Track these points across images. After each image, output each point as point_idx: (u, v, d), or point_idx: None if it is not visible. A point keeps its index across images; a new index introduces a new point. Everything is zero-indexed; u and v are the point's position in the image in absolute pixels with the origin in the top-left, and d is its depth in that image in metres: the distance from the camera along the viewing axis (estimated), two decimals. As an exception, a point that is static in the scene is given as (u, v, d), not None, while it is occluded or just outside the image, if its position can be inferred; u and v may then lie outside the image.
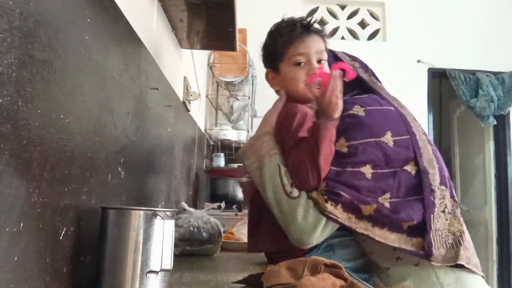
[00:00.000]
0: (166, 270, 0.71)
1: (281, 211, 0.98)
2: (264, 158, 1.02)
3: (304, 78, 1.07)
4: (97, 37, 0.76)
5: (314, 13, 3.87)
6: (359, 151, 0.99)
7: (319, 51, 1.08)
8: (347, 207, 0.95)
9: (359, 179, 0.97)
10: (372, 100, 1.08)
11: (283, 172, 1.01)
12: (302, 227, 0.96)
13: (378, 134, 1.02)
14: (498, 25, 3.84)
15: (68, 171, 0.65)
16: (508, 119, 3.85)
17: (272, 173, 1.01)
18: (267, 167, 1.01)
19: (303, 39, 1.08)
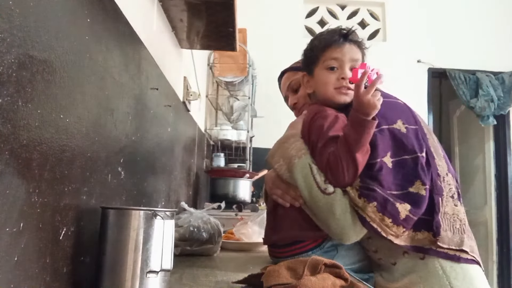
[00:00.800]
0: (166, 270, 0.71)
1: (318, 208, 0.99)
2: (293, 159, 1.03)
3: (335, 82, 1.10)
4: (97, 37, 0.76)
5: (314, 13, 3.87)
6: (377, 138, 1.00)
7: (353, 59, 1.11)
8: (381, 205, 0.95)
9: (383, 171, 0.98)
10: (387, 94, 1.10)
11: (315, 170, 1.01)
12: (342, 222, 0.96)
13: (389, 121, 1.03)
14: (498, 25, 3.84)
15: (68, 171, 0.65)
16: (508, 119, 3.85)
17: (304, 173, 1.01)
18: (298, 167, 1.02)
19: (339, 45, 1.11)
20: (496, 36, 3.81)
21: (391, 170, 0.99)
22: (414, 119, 1.08)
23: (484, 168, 3.96)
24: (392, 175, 0.98)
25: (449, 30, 3.77)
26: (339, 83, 1.09)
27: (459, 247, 0.97)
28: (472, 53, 3.78)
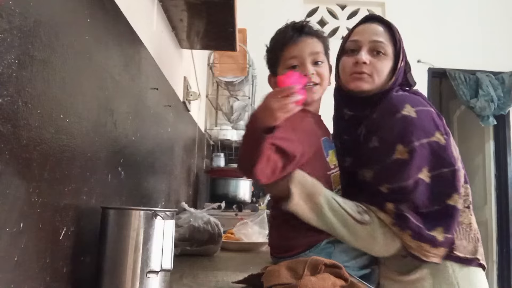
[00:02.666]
0: (166, 270, 0.71)
1: (360, 238, 0.97)
2: (315, 198, 0.98)
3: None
4: (97, 37, 0.76)
5: (314, 13, 3.87)
6: (416, 155, 0.95)
7: (313, 52, 1.07)
8: (416, 233, 0.93)
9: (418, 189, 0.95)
10: (417, 100, 1.04)
11: (341, 202, 0.99)
12: (386, 246, 0.96)
13: (428, 133, 0.98)
14: (498, 25, 3.84)
15: (68, 171, 0.65)
16: (508, 119, 3.85)
17: (333, 209, 0.98)
18: (325, 206, 0.97)
19: (296, 42, 1.07)
20: (496, 36, 3.81)
21: (428, 185, 0.96)
22: (446, 127, 1.04)
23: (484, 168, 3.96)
24: (430, 190, 0.96)
25: (449, 30, 3.77)
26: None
27: (473, 255, 0.98)
28: (472, 53, 3.77)
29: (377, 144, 0.99)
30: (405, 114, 0.97)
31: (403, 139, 0.95)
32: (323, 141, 1.08)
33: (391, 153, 0.96)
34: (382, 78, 1.05)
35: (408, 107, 0.98)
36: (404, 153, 0.95)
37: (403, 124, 0.97)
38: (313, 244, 1.01)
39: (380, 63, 1.05)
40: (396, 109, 0.98)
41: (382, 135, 0.99)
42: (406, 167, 0.95)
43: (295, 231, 1.03)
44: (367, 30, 1.07)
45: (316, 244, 1.02)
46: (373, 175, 1.00)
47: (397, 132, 0.96)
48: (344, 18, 3.88)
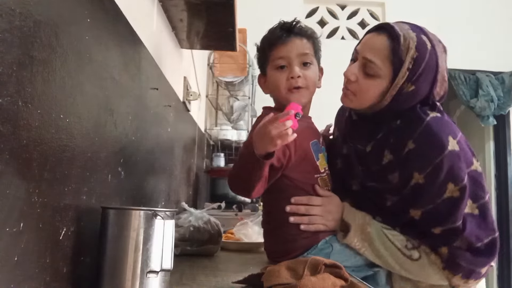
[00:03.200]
0: (166, 270, 0.71)
1: (409, 271, 0.97)
2: (365, 228, 0.98)
3: (285, 83, 1.04)
4: (97, 37, 0.76)
5: (314, 13, 3.87)
6: (467, 191, 0.92)
7: (301, 54, 1.04)
8: (466, 275, 0.94)
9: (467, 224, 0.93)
10: (453, 127, 0.99)
11: (389, 234, 0.98)
12: (441, 275, 0.95)
13: (470, 164, 0.95)
14: (498, 25, 3.84)
15: (68, 171, 0.65)
16: (508, 119, 3.85)
17: (383, 241, 0.97)
18: (375, 237, 0.97)
19: (284, 42, 1.04)
20: (496, 36, 3.81)
21: (478, 216, 0.94)
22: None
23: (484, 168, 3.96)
24: (481, 220, 0.95)
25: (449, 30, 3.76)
26: (289, 83, 1.03)
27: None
28: (472, 53, 3.77)
29: (422, 181, 0.93)
30: (451, 151, 0.92)
31: (454, 177, 0.91)
32: (312, 144, 1.06)
33: (442, 193, 0.92)
34: (368, 99, 1.00)
35: (451, 140, 0.93)
36: (455, 191, 0.92)
37: (451, 161, 0.91)
38: (310, 246, 1.01)
39: (366, 84, 0.99)
40: (442, 146, 0.92)
41: (429, 174, 0.92)
42: (458, 206, 0.92)
43: (291, 235, 1.03)
44: (368, 43, 1.01)
45: (313, 245, 1.01)
46: (421, 215, 0.96)
47: (447, 171, 0.91)
48: (344, 18, 3.88)
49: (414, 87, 0.96)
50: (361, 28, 3.87)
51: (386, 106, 0.99)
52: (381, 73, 0.97)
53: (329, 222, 1.02)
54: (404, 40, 0.95)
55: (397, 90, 0.96)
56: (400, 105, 0.99)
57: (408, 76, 0.95)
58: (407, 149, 0.95)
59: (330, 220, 1.02)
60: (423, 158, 0.93)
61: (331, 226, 1.02)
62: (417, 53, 0.95)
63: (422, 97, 0.98)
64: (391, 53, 0.95)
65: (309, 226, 1.01)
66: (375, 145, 1.02)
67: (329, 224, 1.02)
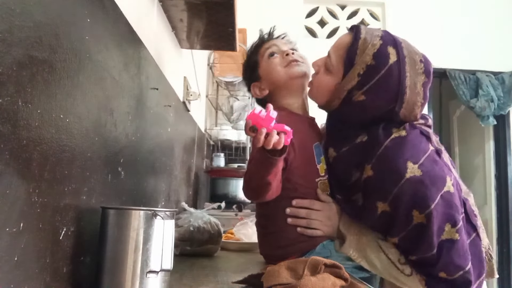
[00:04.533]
0: (166, 270, 0.71)
1: (403, 284, 0.93)
2: (361, 238, 0.97)
3: (281, 62, 1.09)
4: (97, 37, 0.76)
5: (314, 13, 3.87)
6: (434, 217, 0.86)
7: (287, 43, 1.11)
8: None
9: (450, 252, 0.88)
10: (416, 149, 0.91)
11: (383, 245, 0.94)
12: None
13: (440, 187, 0.88)
14: (498, 25, 3.84)
15: (68, 171, 0.65)
16: (508, 119, 3.85)
17: (376, 253, 0.95)
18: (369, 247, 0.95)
19: (271, 39, 1.14)
20: (496, 36, 3.81)
21: (458, 242, 0.87)
22: (439, 144, 0.96)
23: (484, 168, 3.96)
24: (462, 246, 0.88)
25: (449, 30, 3.77)
26: (285, 60, 1.09)
27: (492, 277, 0.97)
28: (472, 53, 3.77)
29: (388, 210, 0.89)
30: (411, 177, 0.86)
31: (416, 204, 0.86)
32: (315, 147, 1.06)
33: (410, 221, 0.88)
34: (320, 95, 1.00)
35: (410, 166, 0.86)
36: (421, 218, 0.87)
37: (412, 188, 0.86)
38: (307, 250, 1.01)
39: (319, 78, 1.01)
40: (399, 174, 0.86)
41: (391, 203, 0.88)
42: (427, 233, 0.87)
43: (288, 239, 1.02)
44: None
45: (311, 249, 1.01)
46: (398, 242, 0.92)
47: (409, 199, 0.86)
48: (344, 18, 3.88)
49: (365, 97, 0.91)
50: (361, 28, 3.87)
51: (338, 110, 0.97)
52: (333, 70, 0.96)
53: (327, 228, 1.01)
54: (363, 43, 0.91)
55: (346, 95, 0.93)
56: (351, 114, 0.95)
57: (359, 83, 0.91)
58: (366, 175, 0.91)
59: (328, 226, 1.01)
60: (382, 188, 0.89)
61: (328, 233, 1.01)
62: (373, 61, 0.90)
63: (377, 113, 0.93)
64: (345, 52, 0.94)
65: (306, 230, 1.00)
66: (338, 158, 1.00)
67: (326, 230, 1.01)
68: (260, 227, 1.13)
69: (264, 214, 1.10)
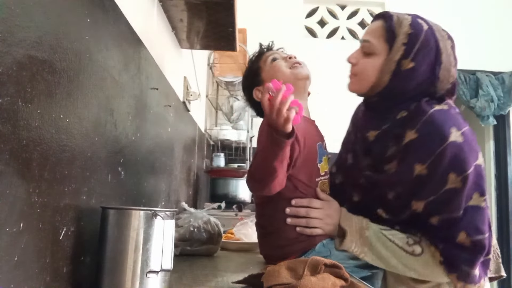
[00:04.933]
0: (166, 270, 0.71)
1: (414, 270, 0.95)
2: (363, 232, 0.98)
3: (285, 64, 1.12)
4: (97, 37, 0.76)
5: (314, 13, 3.87)
6: (469, 182, 0.91)
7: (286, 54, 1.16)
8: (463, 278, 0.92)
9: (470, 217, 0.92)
10: (459, 119, 0.97)
11: (388, 234, 0.97)
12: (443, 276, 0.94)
13: (475, 157, 0.93)
14: (498, 25, 3.84)
15: (68, 171, 0.65)
16: (508, 119, 3.85)
17: (383, 242, 0.96)
18: (374, 239, 0.97)
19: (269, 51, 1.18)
20: (496, 36, 3.81)
21: (483, 210, 0.93)
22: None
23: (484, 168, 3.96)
24: (485, 215, 0.93)
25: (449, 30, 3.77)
26: (289, 62, 1.13)
27: (498, 274, 1.00)
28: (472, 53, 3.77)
29: (425, 172, 0.93)
30: (454, 141, 0.91)
31: (456, 168, 0.91)
32: (318, 146, 1.08)
33: (443, 184, 0.91)
34: (367, 78, 1.01)
35: (454, 131, 0.93)
36: (457, 182, 0.91)
37: (453, 152, 0.91)
38: (307, 249, 1.01)
39: (363, 63, 1.02)
40: (443, 137, 0.92)
41: (431, 165, 0.92)
42: (460, 196, 0.91)
43: (288, 239, 1.02)
44: (367, 29, 1.07)
45: (310, 249, 1.01)
46: (424, 207, 0.95)
47: (448, 161, 0.91)
48: (344, 18, 3.88)
49: (414, 64, 0.97)
50: (361, 28, 3.87)
51: (387, 85, 0.99)
52: (376, 50, 1.00)
53: (327, 226, 1.02)
54: (397, 19, 1.01)
55: (396, 67, 0.98)
56: (402, 84, 0.98)
57: (405, 52, 0.97)
58: (408, 139, 0.95)
59: (328, 224, 1.01)
60: (424, 149, 0.93)
61: (328, 231, 1.02)
62: (411, 30, 0.98)
63: (424, 78, 0.98)
64: (384, 30, 1.00)
65: (305, 229, 1.01)
66: (379, 135, 1.03)
67: (326, 228, 1.01)
68: (260, 228, 1.13)
69: (264, 215, 1.10)
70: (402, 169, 0.96)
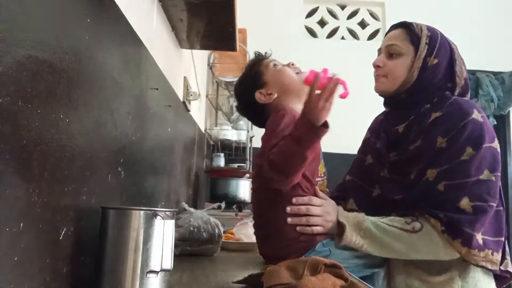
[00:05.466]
0: (166, 270, 0.71)
1: (420, 248, 0.98)
2: (362, 224, 1.01)
3: (290, 69, 1.15)
4: (97, 37, 0.76)
5: (314, 13, 3.87)
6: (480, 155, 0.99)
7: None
8: (467, 242, 0.95)
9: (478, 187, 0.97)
10: (479, 107, 1.08)
11: (386, 220, 1.01)
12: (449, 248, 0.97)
13: (492, 140, 1.02)
14: (498, 25, 3.84)
15: (68, 171, 0.65)
16: (508, 119, 3.85)
17: (382, 229, 1.00)
18: (373, 228, 1.00)
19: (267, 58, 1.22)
20: (496, 36, 3.81)
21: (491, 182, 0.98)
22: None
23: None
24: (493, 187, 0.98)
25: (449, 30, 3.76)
26: (292, 68, 1.16)
27: (505, 268, 1.02)
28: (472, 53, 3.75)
29: (444, 145, 1.01)
30: (475, 118, 1.01)
31: (473, 142, 0.99)
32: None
33: (460, 154, 0.99)
34: (398, 77, 1.10)
35: (476, 112, 1.03)
36: (472, 155, 0.99)
37: (473, 127, 1.00)
38: (307, 249, 1.01)
39: (393, 63, 1.11)
40: (467, 113, 1.02)
41: (452, 137, 1.01)
42: (470, 165, 0.98)
43: (287, 239, 1.02)
44: (387, 36, 1.16)
45: (310, 249, 1.01)
46: (436, 174, 1.01)
47: (467, 135, 1.00)
48: (344, 18, 3.88)
49: (437, 60, 1.09)
50: (361, 28, 3.87)
51: (416, 81, 1.09)
52: (404, 51, 1.11)
53: (327, 223, 1.02)
54: (416, 25, 1.13)
55: (422, 63, 1.09)
56: (428, 79, 1.09)
57: (428, 50, 1.10)
58: (433, 117, 1.05)
59: (328, 221, 1.03)
60: (448, 123, 1.02)
61: (328, 228, 1.02)
62: (429, 32, 1.12)
63: (445, 72, 1.10)
64: (407, 34, 1.11)
65: (306, 228, 1.01)
66: (408, 125, 1.11)
67: (326, 225, 1.02)
68: (259, 228, 1.12)
69: (263, 215, 1.10)
70: (425, 142, 1.04)
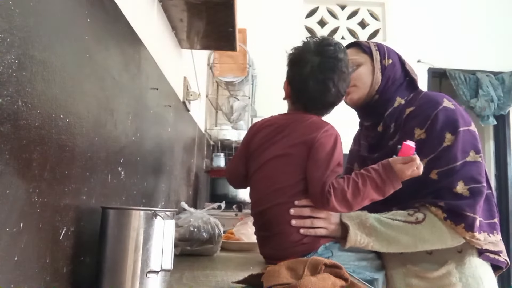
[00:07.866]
0: (166, 270, 0.71)
1: (426, 237, 1.01)
2: (366, 222, 1.02)
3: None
4: (97, 37, 0.76)
5: (314, 13, 3.87)
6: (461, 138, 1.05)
7: None
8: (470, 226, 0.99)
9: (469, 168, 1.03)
10: (449, 96, 1.16)
11: (389, 215, 1.04)
12: (455, 234, 1.01)
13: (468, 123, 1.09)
14: (498, 25, 3.84)
15: (68, 171, 0.65)
16: (508, 119, 3.85)
17: (386, 224, 1.02)
18: (377, 225, 1.02)
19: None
20: (496, 36, 3.81)
21: (479, 164, 1.04)
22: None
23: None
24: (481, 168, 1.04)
25: (449, 30, 3.77)
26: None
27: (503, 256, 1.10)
28: (472, 53, 3.78)
29: (424, 136, 1.08)
30: (446, 106, 1.09)
31: (450, 127, 1.06)
32: None
33: (442, 142, 1.05)
34: (365, 82, 1.18)
35: (446, 101, 1.10)
36: (452, 139, 1.05)
37: (446, 113, 1.07)
38: (309, 252, 1.01)
39: (357, 73, 1.19)
40: (437, 103, 1.09)
41: (428, 127, 1.07)
42: (454, 149, 1.03)
43: (291, 241, 1.02)
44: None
45: (312, 251, 1.01)
46: (425, 164, 1.04)
47: (442, 122, 1.06)
48: (344, 18, 3.88)
49: (391, 60, 1.20)
50: (361, 28, 3.87)
51: (382, 80, 1.17)
52: (361, 60, 1.20)
53: (331, 225, 1.03)
54: (361, 41, 1.24)
55: (381, 65, 1.18)
56: (391, 76, 1.18)
57: (380, 54, 1.20)
58: (408, 111, 1.13)
59: (332, 223, 1.03)
60: (421, 115, 1.09)
61: (332, 230, 1.03)
62: (375, 43, 1.24)
63: (401, 70, 1.20)
64: (358, 49, 1.22)
65: (310, 230, 1.01)
66: (384, 123, 1.18)
67: (330, 227, 1.03)
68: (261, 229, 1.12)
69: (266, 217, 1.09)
70: (402, 136, 1.09)
